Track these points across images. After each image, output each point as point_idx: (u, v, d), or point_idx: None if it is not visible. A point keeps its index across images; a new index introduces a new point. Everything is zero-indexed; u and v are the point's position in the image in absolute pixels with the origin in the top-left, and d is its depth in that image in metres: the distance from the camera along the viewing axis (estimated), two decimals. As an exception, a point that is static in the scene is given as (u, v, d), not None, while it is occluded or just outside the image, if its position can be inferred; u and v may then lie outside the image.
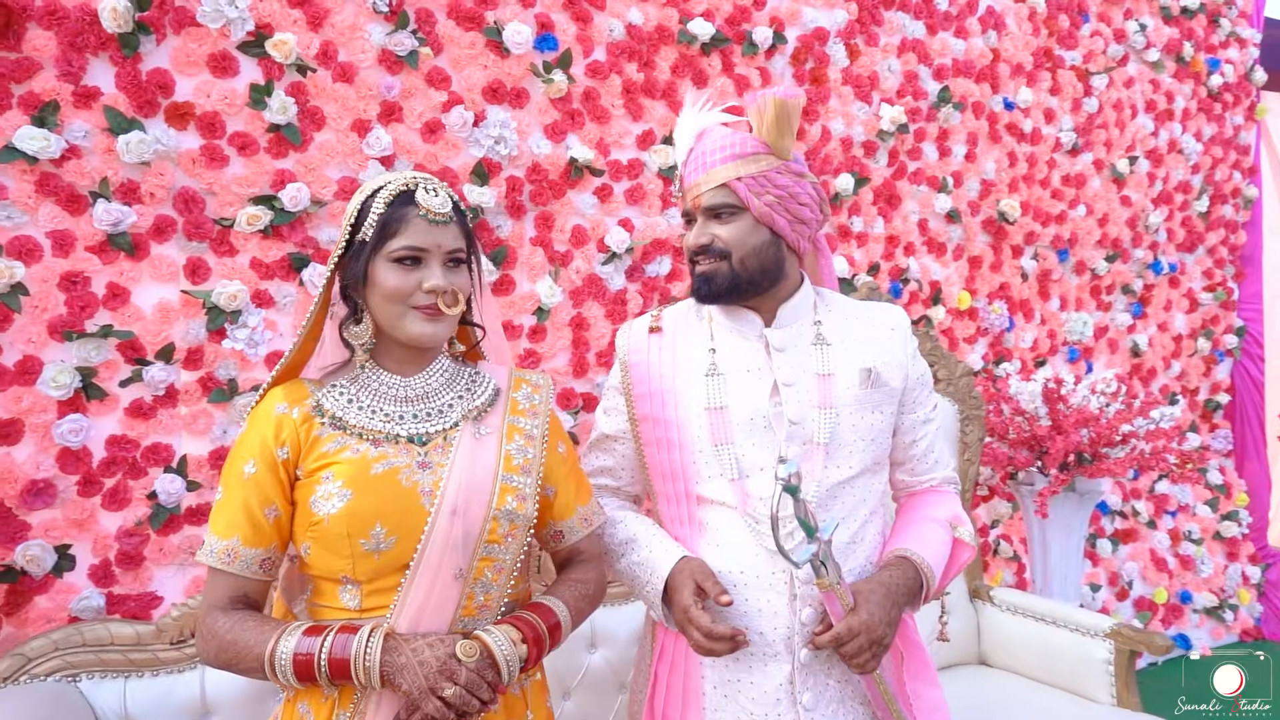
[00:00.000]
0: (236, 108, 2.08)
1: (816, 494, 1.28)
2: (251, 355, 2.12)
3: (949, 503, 1.41)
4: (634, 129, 2.55)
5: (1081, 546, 2.84)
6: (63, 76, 1.92)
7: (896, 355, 1.38)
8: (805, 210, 1.33)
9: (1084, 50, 3.42)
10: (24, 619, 1.89)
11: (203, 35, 2.04)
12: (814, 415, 1.30)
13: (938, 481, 1.44)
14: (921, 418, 1.41)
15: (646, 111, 2.56)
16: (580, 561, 1.36)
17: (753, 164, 1.30)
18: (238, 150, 2.09)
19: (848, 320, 1.40)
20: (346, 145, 2.19)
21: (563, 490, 1.33)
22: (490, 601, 1.20)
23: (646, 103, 2.56)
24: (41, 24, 1.90)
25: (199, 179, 2.05)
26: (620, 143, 2.53)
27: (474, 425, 1.24)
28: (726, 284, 1.32)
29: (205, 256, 2.07)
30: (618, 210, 2.54)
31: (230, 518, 1.17)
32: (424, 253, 1.19)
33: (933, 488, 1.44)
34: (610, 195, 2.52)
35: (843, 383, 1.32)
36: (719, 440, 1.31)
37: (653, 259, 2.58)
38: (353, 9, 2.19)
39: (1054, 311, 3.43)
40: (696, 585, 1.23)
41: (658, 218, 2.59)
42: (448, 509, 1.16)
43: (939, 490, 1.44)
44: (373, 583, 1.16)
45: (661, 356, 1.40)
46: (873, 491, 1.35)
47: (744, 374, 1.34)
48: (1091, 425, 2.68)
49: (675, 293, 2.61)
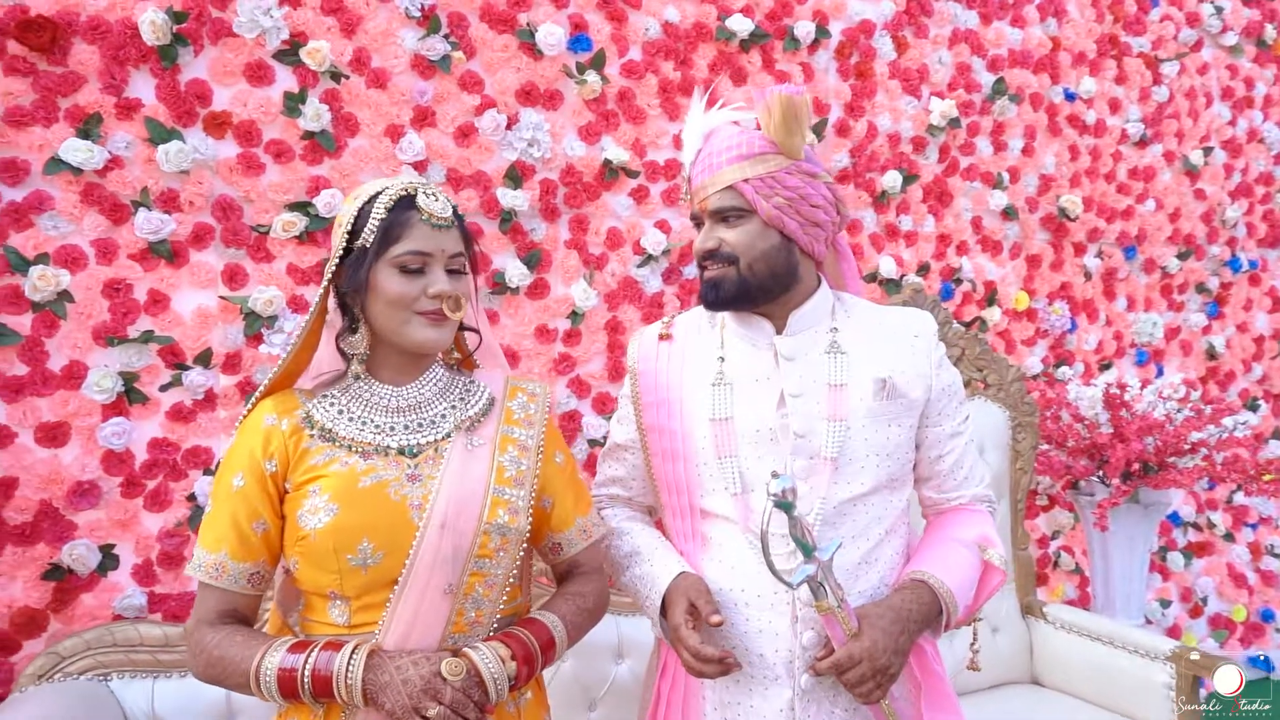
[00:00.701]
0: (272, 116, 2.11)
1: (823, 511, 1.22)
2: (287, 360, 2.14)
3: (979, 522, 1.33)
4: (670, 128, 2.51)
5: (1146, 560, 2.68)
6: (106, 89, 1.98)
7: (918, 364, 1.31)
8: (818, 212, 1.27)
9: (1153, 36, 3.24)
10: (70, 616, 1.95)
11: (239, 45, 2.07)
12: (822, 428, 1.24)
13: (967, 499, 1.35)
14: (948, 431, 1.33)
15: (683, 111, 2.51)
16: (580, 574, 1.33)
17: (760, 164, 1.25)
18: (273, 158, 2.12)
19: (867, 327, 1.33)
20: (380, 151, 2.20)
21: (560, 501, 1.30)
22: (482, 617, 1.17)
23: (683, 102, 2.51)
24: (85, 38, 1.96)
25: (236, 186, 2.09)
26: (656, 143, 2.49)
27: (466, 436, 1.21)
28: (734, 290, 1.26)
29: (243, 263, 2.11)
30: (654, 212, 2.50)
31: (218, 531, 1.15)
32: (428, 258, 1.17)
33: (961, 506, 1.36)
34: (646, 196, 2.48)
35: (856, 394, 1.26)
36: (723, 452, 1.26)
37: (690, 261, 2.53)
38: (385, 15, 2.20)
39: (1120, 312, 3.26)
40: (690, 603, 1.18)
41: (695, 219, 2.54)
42: (437, 522, 1.13)
43: (969, 509, 1.35)
44: (361, 598, 1.14)
45: (670, 364, 1.36)
46: (890, 509, 1.28)
47: (752, 383, 1.29)
48: (1156, 433, 2.53)
49: (713, 295, 2.55)
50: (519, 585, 1.30)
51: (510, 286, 2.34)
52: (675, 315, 1.45)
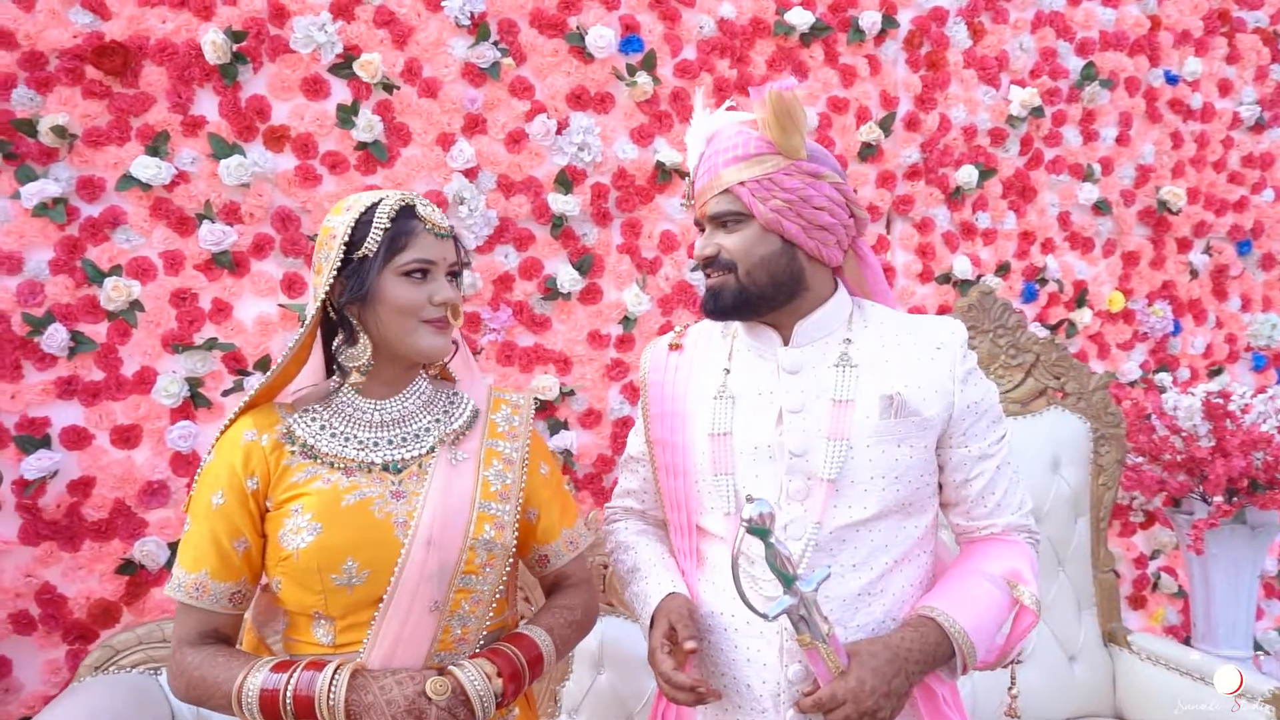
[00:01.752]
0: (327, 128, 2.16)
1: (817, 536, 1.14)
2: (343, 365, 2.20)
3: (1012, 555, 1.21)
4: (726, 128, 2.44)
5: (1255, 587, 2.44)
6: (173, 108, 2.07)
7: (937, 379, 1.21)
8: (822, 215, 1.19)
9: (1271, 9, 2.95)
10: (141, 609, 2.05)
11: (295, 61, 2.13)
12: (821, 447, 1.16)
13: (1000, 528, 1.24)
14: (976, 452, 1.22)
15: (743, 107, 2.44)
16: (568, 586, 1.31)
17: (757, 166, 1.18)
18: (329, 169, 2.17)
19: (886, 339, 1.24)
20: (431, 159, 2.23)
21: (546, 513, 1.27)
22: (468, 634, 1.16)
23: (740, 101, 2.44)
24: (154, 60, 2.06)
25: (294, 197, 2.15)
26: (711, 144, 2.42)
27: (451, 450, 1.20)
28: (734, 298, 1.20)
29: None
30: (709, 214, 2.44)
31: (198, 550, 1.14)
32: (433, 266, 1.17)
33: (993, 536, 1.25)
34: (701, 199, 2.42)
35: (862, 411, 1.17)
36: (720, 469, 1.20)
37: (747, 264, 2.46)
38: (436, 25, 2.22)
39: (1234, 313, 2.98)
40: (670, 626, 1.13)
41: (753, 220, 2.46)
42: (422, 539, 1.12)
43: (1002, 539, 1.24)
44: (346, 618, 1.13)
45: (678, 376, 1.31)
46: (901, 537, 1.18)
47: (755, 397, 1.22)
48: (1264, 447, 2.30)
49: (771, 299, 2.48)
50: (505, 599, 1.28)
51: (562, 292, 2.33)
52: (690, 325, 1.40)
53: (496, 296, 2.30)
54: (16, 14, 1.99)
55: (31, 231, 2.01)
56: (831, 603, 1.12)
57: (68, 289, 2.02)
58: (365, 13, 2.17)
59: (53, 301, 2.02)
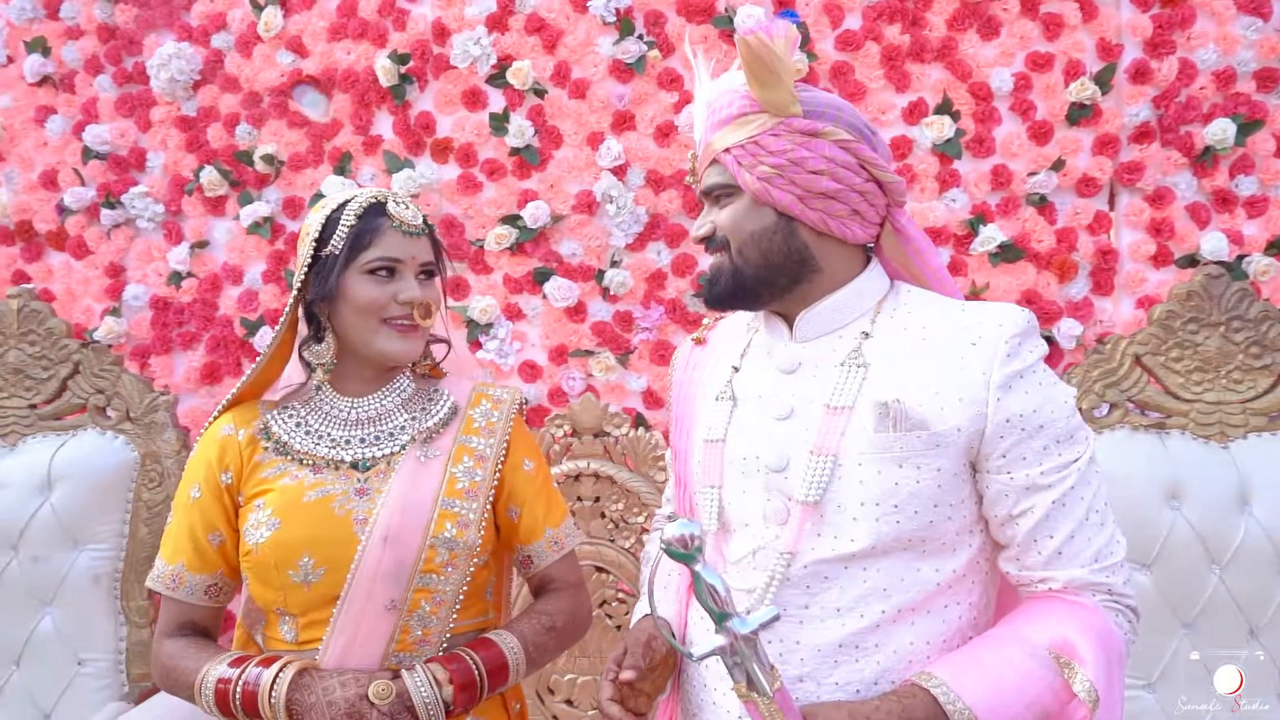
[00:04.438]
0: (484, 137, 2.26)
1: (789, 571, 0.95)
2: (503, 365, 2.29)
3: (1071, 620, 0.92)
4: (899, 101, 2.19)
5: None
6: (356, 130, 2.29)
7: (965, 383, 0.96)
8: (820, 180, 0.99)
9: None
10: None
11: (456, 76, 2.25)
12: (803, 462, 0.97)
13: (1062, 584, 0.96)
14: (1022, 481, 0.95)
15: (914, 79, 2.18)
16: (551, 591, 1.23)
17: (742, 128, 1.02)
18: (488, 176, 2.27)
19: (909, 331, 1.02)
20: (581, 159, 2.24)
21: (529, 511, 1.21)
22: (430, 635, 1.12)
23: (914, 69, 2.17)
24: (341, 88, 2.28)
25: (457, 205, 2.28)
26: (881, 119, 2.19)
27: (422, 447, 1.17)
28: (729, 282, 1.05)
29: (465, 275, 2.30)
30: (879, 198, 2.20)
31: (176, 543, 1.18)
32: (399, 264, 1.15)
33: (1053, 593, 0.97)
34: (868, 182, 2.19)
35: (858, 421, 0.97)
36: (709, 480, 1.06)
37: (925, 251, 2.18)
38: (584, 26, 2.23)
39: None
40: (624, 650, 1.02)
41: (933, 201, 2.19)
42: (379, 536, 1.10)
43: (1063, 598, 0.96)
44: (307, 615, 1.12)
45: (694, 374, 1.18)
46: (911, 582, 0.95)
47: (755, 400, 1.06)
48: None
49: (953, 290, 2.18)
50: (493, 602, 1.23)
51: (715, 288, 2.23)
52: (719, 318, 1.26)
53: (649, 295, 2.26)
54: (240, 61, 2.32)
55: (248, 247, 2.32)
56: (803, 651, 0.94)
57: (275, 296, 2.32)
58: (517, 22, 2.23)
59: (264, 308, 2.32)
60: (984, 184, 2.17)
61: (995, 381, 0.96)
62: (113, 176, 2.36)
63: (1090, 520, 0.96)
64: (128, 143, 2.36)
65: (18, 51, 2.40)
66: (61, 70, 2.39)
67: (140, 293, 2.34)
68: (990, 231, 2.15)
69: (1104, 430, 1.75)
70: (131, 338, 2.36)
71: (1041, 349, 1.00)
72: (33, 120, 2.40)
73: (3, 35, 2.40)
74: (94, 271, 2.37)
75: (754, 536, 1.00)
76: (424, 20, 2.25)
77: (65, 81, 2.39)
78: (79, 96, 2.38)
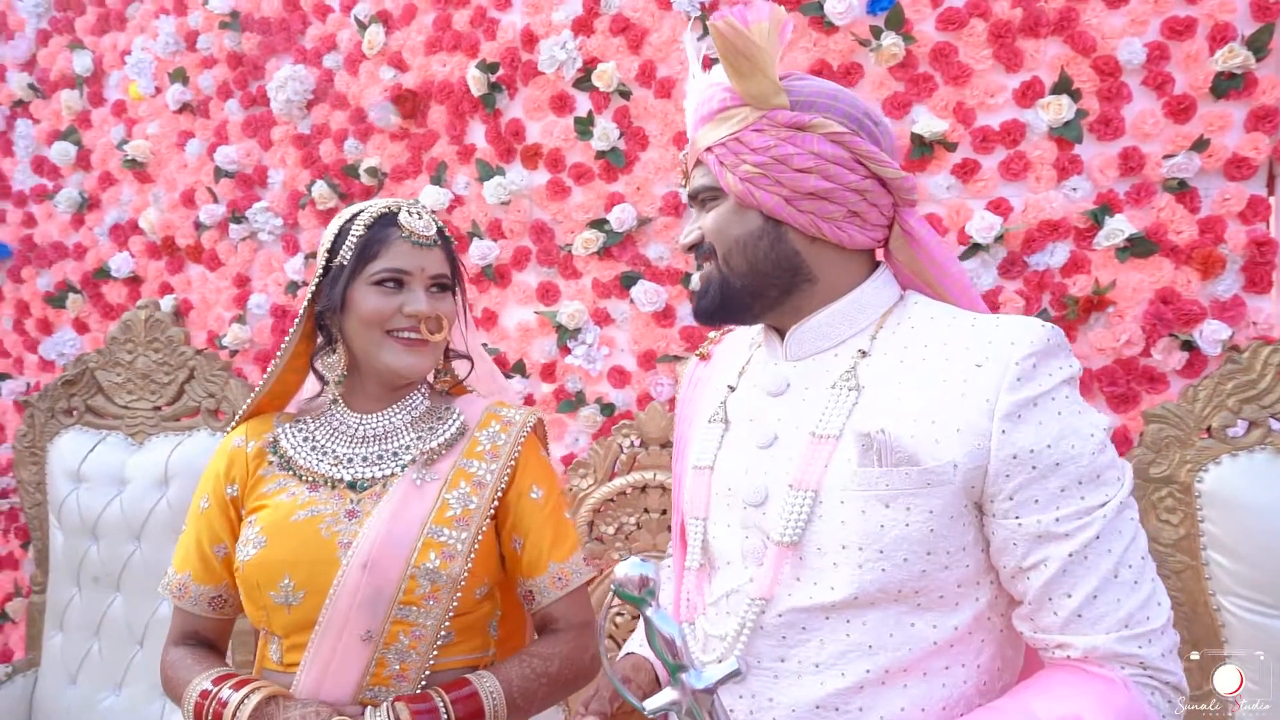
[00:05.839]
0: (571, 141, 2.25)
1: (762, 619, 0.85)
2: (591, 369, 2.28)
3: (1088, 696, 0.77)
4: (1009, 82, 1.99)
5: None
6: (451, 140, 2.35)
7: (965, 412, 0.83)
8: (808, 179, 0.89)
9: None
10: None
11: (544, 82, 2.26)
12: (783, 497, 0.86)
13: (1082, 652, 0.80)
14: (1033, 529, 0.81)
15: (1027, 57, 1.97)
16: (553, 631, 1.14)
17: (722, 125, 0.93)
18: (575, 180, 2.26)
19: (911, 349, 0.90)
20: (667, 160, 2.19)
21: (533, 542, 1.13)
22: (408, 671, 1.07)
23: (1027, 45, 1.97)
24: (437, 100, 2.35)
25: (547, 210, 2.29)
26: (988, 103, 1.99)
27: (422, 470, 1.12)
28: (718, 294, 0.96)
29: (555, 280, 2.30)
30: (987, 189, 2.01)
31: (185, 552, 1.18)
32: (406, 275, 1.12)
33: (1073, 662, 0.81)
34: (975, 172, 2.01)
35: (844, 452, 0.85)
36: (696, 512, 0.98)
37: (1041, 246, 1.98)
38: (669, 23, 2.17)
39: None
40: (598, 690, 0.95)
41: (1049, 191, 1.97)
42: (359, 562, 1.06)
43: (1085, 669, 0.80)
44: (290, 637, 1.10)
45: (694, 394, 1.10)
46: (902, 639, 0.83)
47: (746, 423, 0.97)
48: None
49: (1073, 289, 1.96)
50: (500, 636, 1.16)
51: (806, 290, 2.11)
52: (728, 331, 1.16)
53: (737, 298, 2.17)
54: (348, 79, 2.43)
55: (355, 257, 2.43)
56: (776, 710, 0.84)
57: (378, 303, 2.41)
58: (602, 24, 2.21)
59: (369, 314, 2.42)
60: (1111, 170, 1.93)
61: (1000, 410, 0.82)
62: (239, 193, 2.54)
63: (1120, 578, 0.80)
64: (252, 161, 2.53)
65: (164, 83, 2.63)
66: (198, 97, 2.60)
67: (262, 301, 2.51)
68: (1117, 223, 1.91)
69: (1239, 453, 1.50)
70: (254, 344, 2.53)
71: (1066, 371, 0.86)
72: (175, 145, 2.62)
73: (152, 68, 2.64)
74: (224, 282, 2.56)
75: (733, 577, 0.92)
76: (513, 28, 2.27)
77: (201, 107, 2.59)
78: (212, 120, 2.58)
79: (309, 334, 1.22)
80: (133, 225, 2.67)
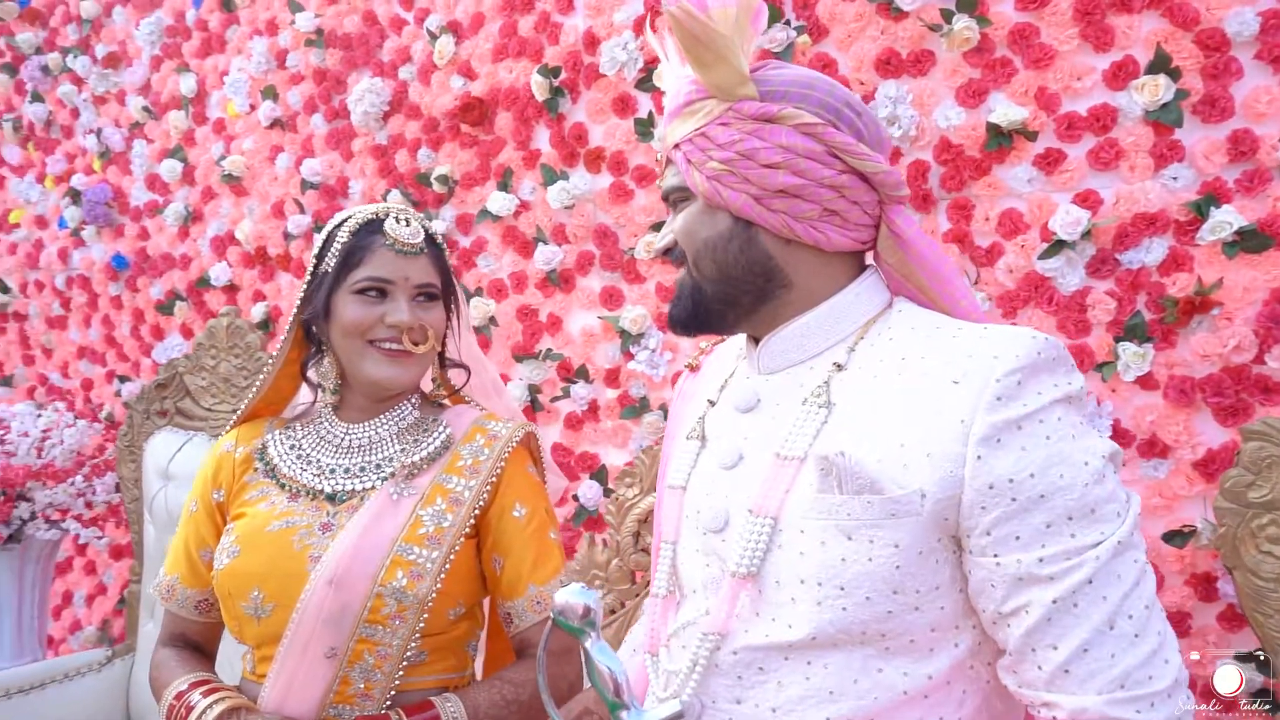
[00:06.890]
0: (633, 143, 2.22)
1: (716, 656, 0.78)
2: (654, 375, 2.23)
3: None
4: (1098, 63, 1.81)
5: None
6: (517, 146, 2.36)
7: (938, 435, 0.73)
8: (777, 175, 0.82)
9: None
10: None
11: (606, 85, 2.23)
12: (742, 524, 0.79)
13: (1068, 713, 0.69)
14: (1013, 570, 0.71)
15: (1119, 35, 1.79)
16: (528, 656, 1.09)
17: (689, 119, 0.86)
18: (638, 183, 2.23)
19: (886, 362, 0.81)
20: (729, 160, 2.12)
21: (513, 563, 1.09)
22: (372, 690, 1.04)
23: (1118, 21, 1.79)
24: (504, 107, 2.36)
25: (610, 214, 2.26)
26: (1074, 87, 1.83)
27: (400, 484, 1.09)
28: (689, 301, 0.90)
29: (619, 285, 2.27)
30: (1074, 181, 1.84)
31: (175, 554, 1.18)
32: (389, 284, 1.10)
33: None
34: (1060, 162, 1.84)
35: (806, 476, 0.77)
36: (667, 534, 0.91)
37: (1136, 242, 1.79)
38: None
39: None
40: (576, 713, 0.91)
41: (1145, 181, 1.78)
42: (325, 577, 1.03)
43: None
44: (260, 648, 1.09)
45: (680, 408, 1.03)
46: (868, 686, 0.74)
47: (719, 441, 0.90)
48: None
49: (1173, 289, 1.76)
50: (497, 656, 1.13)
51: (876, 293, 2.00)
52: (720, 341, 1.08)
53: (803, 301, 2.08)
54: (421, 89, 2.48)
55: (427, 263, 2.48)
56: None
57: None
58: (661, 22, 2.16)
59: (440, 319, 2.47)
60: (1217, 155, 1.73)
61: (977, 433, 0.72)
62: (323, 204, 2.64)
63: (1117, 630, 0.69)
64: (335, 173, 2.63)
65: (257, 100, 2.76)
66: (287, 113, 2.72)
67: (343, 308, 2.59)
68: (1225, 214, 1.71)
69: (1356, 475, 1.31)
70: (336, 348, 2.62)
71: (1061, 390, 0.74)
72: (267, 159, 2.75)
73: (247, 86, 2.78)
74: (310, 289, 2.67)
75: (694, 608, 0.85)
76: (575, 32, 2.26)
77: (289, 122, 2.71)
78: (299, 135, 2.69)
79: (300, 341, 1.21)
80: (230, 236, 2.82)
